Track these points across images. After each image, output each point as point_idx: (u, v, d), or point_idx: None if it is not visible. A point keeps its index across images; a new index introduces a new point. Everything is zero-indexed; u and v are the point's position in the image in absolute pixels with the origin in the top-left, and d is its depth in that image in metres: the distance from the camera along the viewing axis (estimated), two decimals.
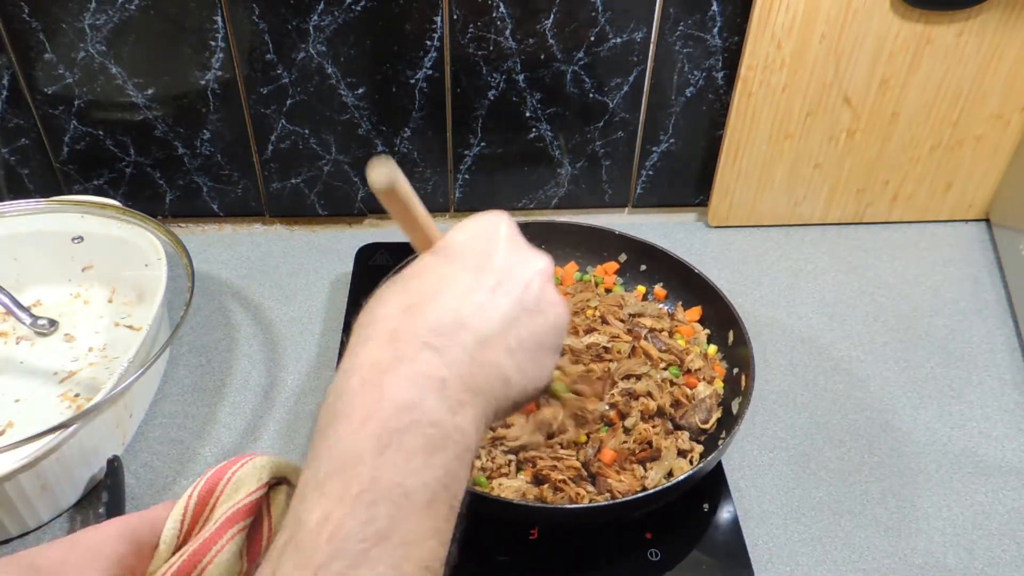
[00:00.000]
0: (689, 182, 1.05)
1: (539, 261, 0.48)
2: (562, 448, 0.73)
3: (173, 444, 0.81)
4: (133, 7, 0.86)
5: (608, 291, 0.91)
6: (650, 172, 1.03)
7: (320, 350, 0.90)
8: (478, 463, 0.73)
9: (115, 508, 0.72)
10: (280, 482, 0.47)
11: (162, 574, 0.43)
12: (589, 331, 0.83)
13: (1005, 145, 0.99)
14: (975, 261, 1.02)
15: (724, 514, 0.75)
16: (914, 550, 0.73)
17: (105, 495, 0.73)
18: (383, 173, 0.42)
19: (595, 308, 0.86)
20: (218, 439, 0.81)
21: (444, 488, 0.38)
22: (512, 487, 0.71)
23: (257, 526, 0.46)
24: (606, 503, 0.70)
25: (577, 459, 0.73)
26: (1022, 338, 0.92)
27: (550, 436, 0.74)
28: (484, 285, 0.44)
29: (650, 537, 0.72)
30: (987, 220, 1.06)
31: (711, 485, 0.75)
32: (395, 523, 0.36)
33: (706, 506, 0.75)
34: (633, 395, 0.77)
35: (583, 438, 0.74)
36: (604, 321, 0.85)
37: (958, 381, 0.88)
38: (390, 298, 0.44)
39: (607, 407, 0.77)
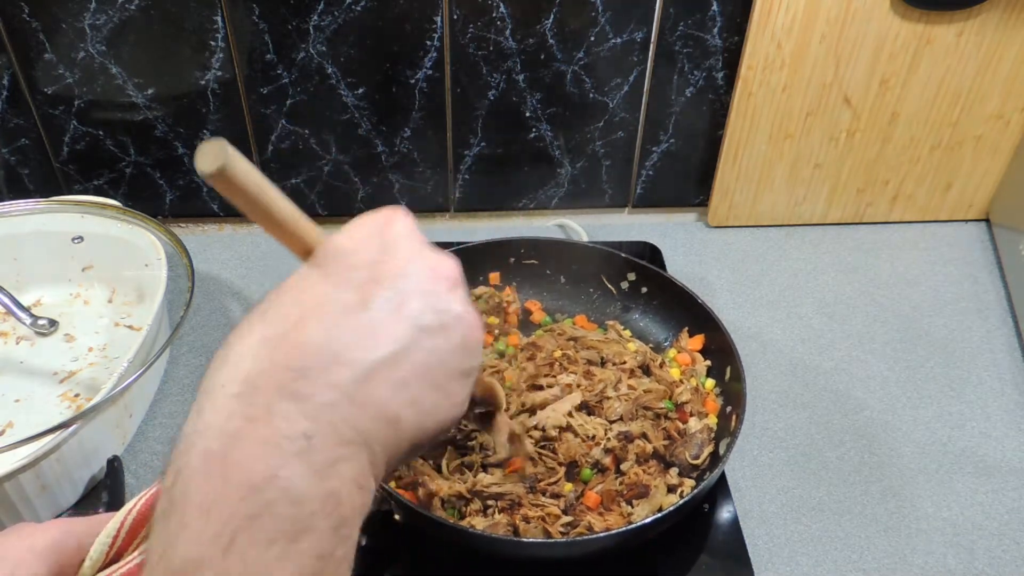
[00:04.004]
0: (689, 182, 1.05)
1: (442, 264, 0.39)
2: (544, 496, 0.71)
3: (173, 444, 0.81)
4: (133, 7, 0.86)
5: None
6: (650, 172, 1.03)
7: None
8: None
9: (115, 508, 0.72)
10: None
11: None
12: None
13: (1005, 145, 0.99)
14: (975, 261, 1.02)
15: (724, 514, 0.75)
16: (914, 550, 0.73)
17: (105, 495, 0.73)
18: (211, 155, 0.33)
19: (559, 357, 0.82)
20: None
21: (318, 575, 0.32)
22: (483, 523, 0.69)
23: None
24: (580, 538, 0.67)
25: (559, 507, 0.70)
26: (1022, 338, 0.92)
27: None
28: (368, 303, 0.36)
29: (651, 536, 0.72)
30: (987, 220, 1.06)
31: (711, 485, 0.75)
32: None
33: (706, 506, 0.75)
34: (629, 438, 0.74)
35: (568, 487, 0.72)
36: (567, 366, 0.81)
37: (958, 381, 0.88)
38: (247, 329, 0.35)
39: (603, 452, 0.73)
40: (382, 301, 0.36)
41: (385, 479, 0.37)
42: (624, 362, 0.81)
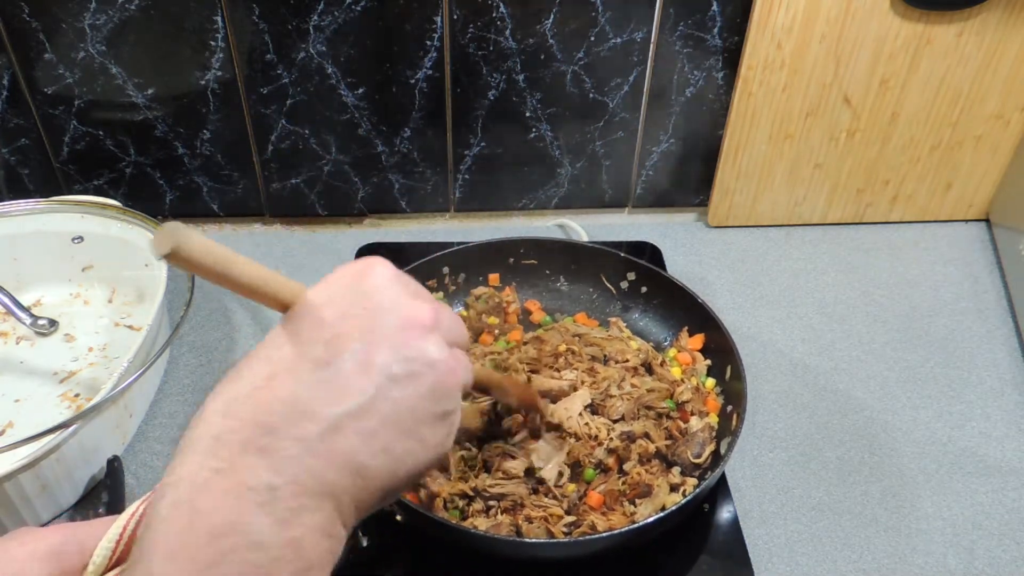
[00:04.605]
0: (689, 182, 1.05)
1: (417, 311, 0.40)
2: (547, 497, 0.71)
3: (173, 444, 0.80)
4: (133, 7, 0.86)
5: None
6: (650, 172, 1.03)
7: None
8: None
9: (115, 508, 0.72)
10: None
11: None
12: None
13: (1005, 145, 0.99)
14: (975, 261, 1.02)
15: (724, 514, 0.75)
16: (914, 550, 0.73)
17: (105, 495, 0.73)
18: (162, 240, 0.34)
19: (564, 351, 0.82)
20: None
21: None
22: (486, 524, 0.69)
23: None
24: (582, 538, 0.67)
25: (562, 507, 0.70)
26: (1022, 338, 0.92)
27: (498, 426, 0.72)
28: (336, 356, 0.37)
29: (653, 536, 0.72)
30: (987, 220, 1.06)
31: (713, 484, 0.75)
32: None
33: (706, 506, 0.75)
34: (632, 438, 0.74)
35: (571, 488, 0.71)
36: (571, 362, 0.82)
37: (958, 381, 0.88)
38: (220, 389, 0.37)
39: (606, 452, 0.73)
40: (348, 355, 0.37)
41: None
42: (627, 360, 0.81)
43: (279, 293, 0.39)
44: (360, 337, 0.38)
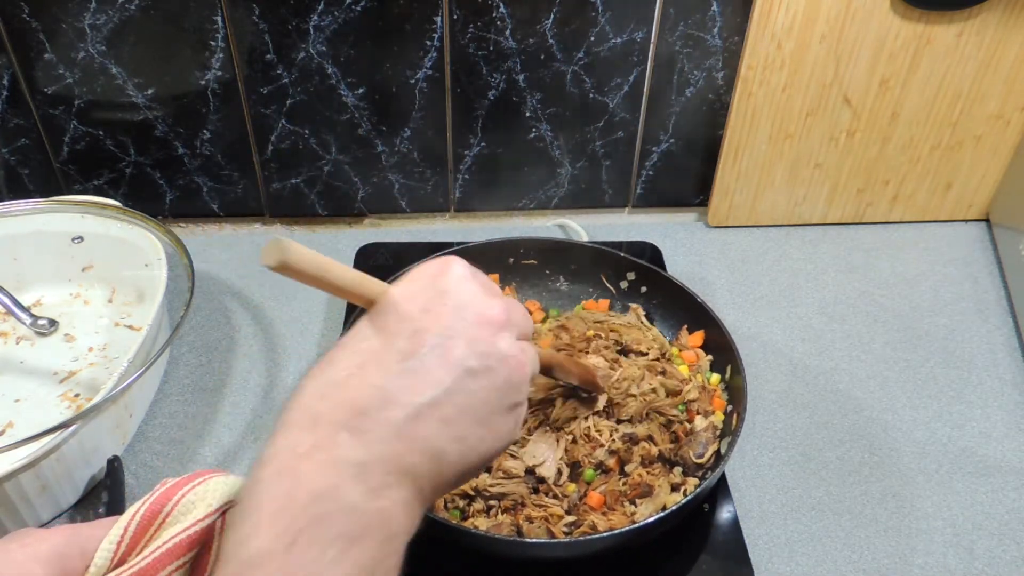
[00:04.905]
0: (689, 182, 1.05)
1: (491, 308, 0.43)
2: (547, 496, 0.71)
3: (173, 444, 0.81)
4: (133, 7, 0.86)
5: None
6: (650, 172, 1.03)
7: (320, 350, 0.90)
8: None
9: (115, 508, 0.72)
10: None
11: None
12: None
13: (1005, 145, 0.99)
14: (975, 261, 1.02)
15: (724, 514, 0.74)
16: (914, 550, 0.73)
17: (105, 495, 0.73)
18: (271, 252, 0.38)
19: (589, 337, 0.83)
20: (218, 439, 0.81)
21: None
22: (487, 524, 0.69)
23: (206, 550, 0.43)
24: (584, 538, 0.67)
25: (562, 507, 0.70)
26: (1022, 338, 0.92)
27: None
28: (419, 350, 0.40)
29: (653, 536, 0.72)
30: (987, 220, 1.06)
31: (713, 483, 0.75)
32: None
33: (706, 506, 0.75)
34: (635, 440, 0.74)
35: (571, 488, 0.72)
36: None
37: (958, 381, 0.88)
38: (315, 374, 0.41)
39: (607, 453, 0.73)
40: (429, 348, 0.41)
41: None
42: (647, 352, 0.81)
43: (368, 291, 0.43)
44: (439, 332, 0.41)
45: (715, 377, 0.81)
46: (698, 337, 0.84)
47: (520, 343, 0.45)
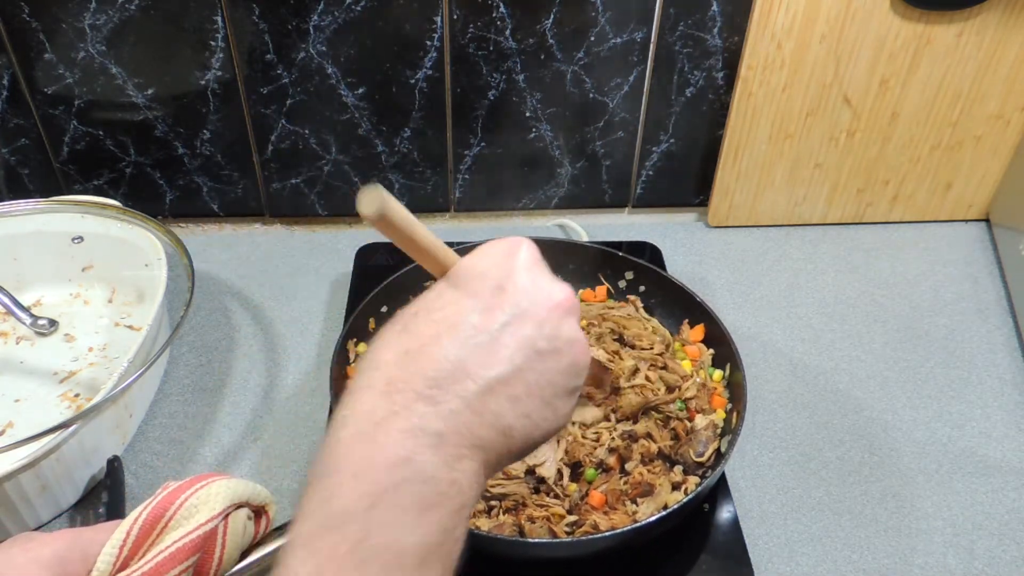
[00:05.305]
0: (689, 182, 1.05)
1: (558, 293, 0.44)
2: (549, 496, 0.71)
3: (173, 444, 0.81)
4: (133, 7, 0.86)
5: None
6: (650, 172, 1.03)
7: (320, 350, 0.90)
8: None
9: (115, 508, 0.72)
10: (240, 506, 0.45)
11: None
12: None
13: (1005, 145, 0.99)
14: (975, 261, 1.02)
15: (724, 514, 0.74)
16: (914, 550, 0.73)
17: (105, 495, 0.73)
18: (371, 201, 0.39)
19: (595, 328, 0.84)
20: (218, 439, 0.81)
21: (439, 546, 0.38)
22: (488, 524, 0.69)
23: (208, 552, 0.43)
24: (584, 537, 0.67)
25: (564, 507, 0.70)
26: (1022, 338, 0.92)
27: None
28: (492, 325, 0.41)
29: (655, 535, 0.72)
30: (987, 220, 1.06)
31: (714, 482, 0.75)
32: None
33: (706, 506, 0.75)
34: (634, 437, 0.74)
35: (573, 487, 0.72)
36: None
37: (958, 381, 0.88)
38: (391, 340, 0.41)
39: (607, 452, 0.74)
40: (501, 326, 0.41)
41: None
42: (649, 346, 0.81)
43: (444, 258, 0.44)
44: (511, 310, 0.42)
45: (717, 373, 0.81)
46: (699, 331, 0.84)
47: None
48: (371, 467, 0.37)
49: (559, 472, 0.72)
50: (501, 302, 0.42)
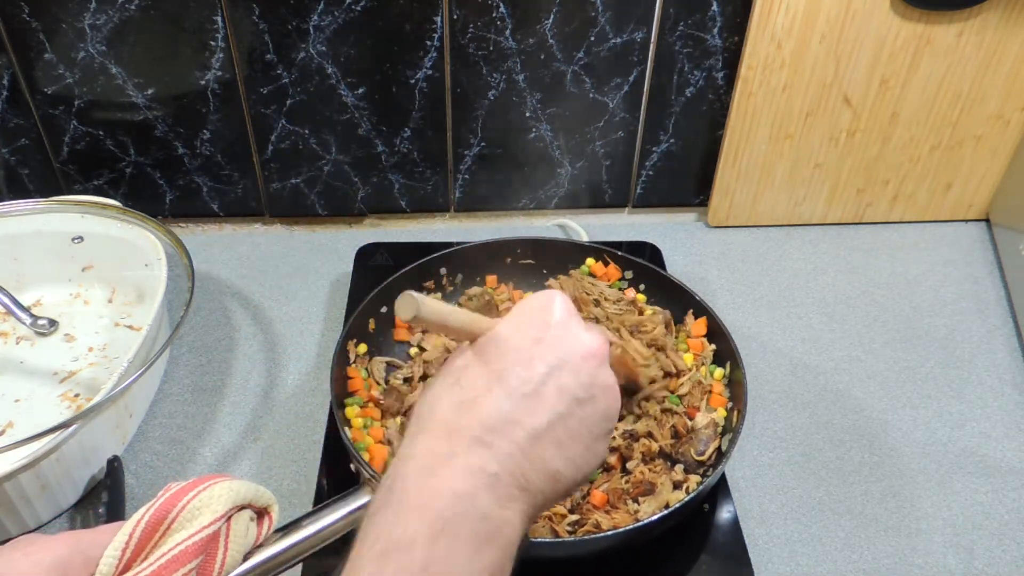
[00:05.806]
0: (689, 182, 1.05)
1: (592, 342, 0.47)
2: None
3: (173, 444, 0.81)
4: (133, 7, 0.86)
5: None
6: (650, 172, 1.03)
7: (320, 350, 0.90)
8: None
9: (115, 508, 0.72)
10: (242, 507, 0.45)
11: None
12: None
13: (1005, 145, 0.99)
14: (975, 261, 1.02)
15: (724, 514, 0.74)
16: (914, 550, 0.73)
17: (105, 495, 0.73)
18: (407, 308, 0.44)
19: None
20: (218, 439, 0.81)
21: None
22: None
23: (211, 554, 0.43)
24: (584, 537, 0.67)
25: (566, 506, 0.70)
26: (1022, 338, 0.92)
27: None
28: (533, 379, 0.44)
29: (656, 534, 0.72)
30: (987, 220, 1.06)
31: (715, 481, 0.75)
32: None
33: (706, 506, 0.75)
34: (635, 436, 0.75)
35: None
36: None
37: (958, 381, 0.88)
38: (443, 394, 0.45)
39: (609, 450, 0.73)
40: (542, 378, 0.45)
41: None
42: (650, 329, 0.82)
43: (480, 328, 0.47)
44: (551, 362, 0.45)
45: (719, 371, 0.81)
46: (701, 325, 0.84)
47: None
48: (435, 500, 0.40)
49: None
50: (538, 356, 0.45)
